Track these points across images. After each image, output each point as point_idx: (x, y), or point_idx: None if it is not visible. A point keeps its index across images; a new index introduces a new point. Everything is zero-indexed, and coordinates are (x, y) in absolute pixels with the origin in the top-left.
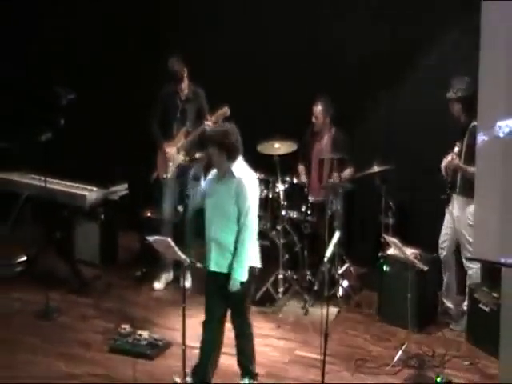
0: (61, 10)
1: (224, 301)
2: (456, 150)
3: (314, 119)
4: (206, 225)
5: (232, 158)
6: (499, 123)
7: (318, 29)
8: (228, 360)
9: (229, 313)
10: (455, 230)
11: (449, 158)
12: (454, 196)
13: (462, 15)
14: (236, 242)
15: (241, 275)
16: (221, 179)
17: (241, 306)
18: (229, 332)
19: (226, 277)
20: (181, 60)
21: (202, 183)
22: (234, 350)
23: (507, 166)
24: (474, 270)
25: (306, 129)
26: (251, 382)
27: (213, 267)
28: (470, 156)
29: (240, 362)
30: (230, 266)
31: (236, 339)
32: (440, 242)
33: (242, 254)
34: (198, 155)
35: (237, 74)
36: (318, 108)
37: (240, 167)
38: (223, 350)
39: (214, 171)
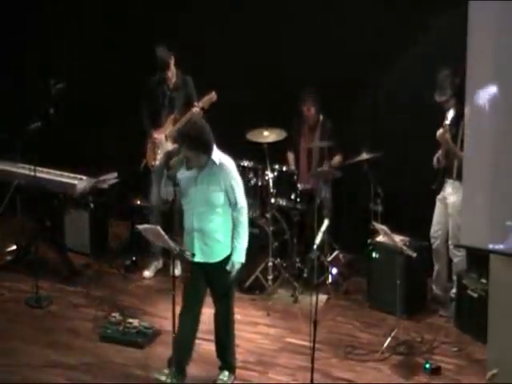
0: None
1: (204, 291)
2: (449, 116)
3: (305, 113)
4: (186, 217)
5: (209, 152)
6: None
7: (307, 18)
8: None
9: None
10: (447, 216)
11: (440, 131)
12: (450, 181)
13: (452, 2)
14: (234, 224)
15: (241, 256)
16: (201, 170)
17: (228, 294)
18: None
19: (211, 266)
20: (167, 48)
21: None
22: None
23: (495, 152)
24: (459, 257)
25: (295, 117)
26: (230, 376)
27: (198, 258)
28: None
29: (220, 354)
30: (216, 255)
31: (218, 329)
32: (432, 231)
33: (244, 236)
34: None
35: (227, 61)
36: (311, 110)
37: (216, 154)
38: (209, 337)
39: (179, 163)
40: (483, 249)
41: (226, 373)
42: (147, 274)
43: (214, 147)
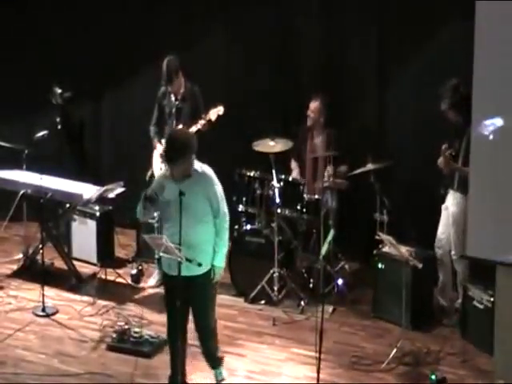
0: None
1: (187, 305)
2: (443, 147)
3: (309, 114)
4: (170, 231)
5: (192, 156)
6: (485, 122)
7: (313, 26)
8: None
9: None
10: (450, 226)
11: (441, 160)
12: (452, 192)
13: (458, 10)
14: (217, 230)
15: (223, 261)
16: (183, 181)
17: (210, 303)
18: (225, 329)
19: (196, 278)
20: (176, 59)
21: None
22: (229, 348)
23: (501, 163)
24: (462, 268)
25: (300, 126)
26: (223, 369)
27: (185, 272)
28: (469, 157)
29: (209, 358)
30: (205, 266)
31: (202, 340)
32: (437, 240)
33: (225, 241)
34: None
35: (232, 72)
36: (315, 104)
37: (196, 163)
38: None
39: (162, 179)
40: (490, 260)
41: (222, 369)
42: (153, 283)
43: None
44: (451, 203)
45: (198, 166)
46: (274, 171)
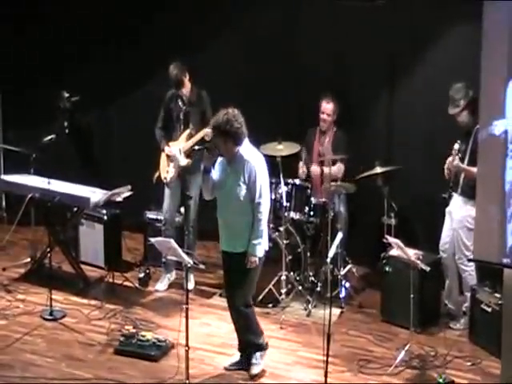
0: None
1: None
2: (456, 146)
3: (323, 116)
4: (218, 208)
5: (239, 143)
6: (495, 122)
7: (319, 29)
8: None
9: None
10: (454, 230)
11: (450, 159)
12: (455, 196)
13: (466, 14)
14: (252, 219)
15: (256, 250)
16: (230, 164)
17: (243, 284)
18: (232, 332)
19: (233, 256)
20: (181, 65)
21: (213, 173)
22: (231, 351)
23: (509, 165)
24: (468, 272)
25: (308, 129)
26: (261, 356)
27: (224, 247)
28: (474, 157)
29: (240, 346)
30: (237, 246)
31: (235, 324)
32: (441, 244)
33: (258, 231)
34: (197, 147)
35: (240, 75)
36: (330, 106)
37: (247, 149)
38: (221, 350)
39: (221, 158)
40: (497, 263)
41: (257, 354)
42: (160, 286)
43: (246, 142)
44: (455, 207)
45: (248, 152)
46: (281, 175)
